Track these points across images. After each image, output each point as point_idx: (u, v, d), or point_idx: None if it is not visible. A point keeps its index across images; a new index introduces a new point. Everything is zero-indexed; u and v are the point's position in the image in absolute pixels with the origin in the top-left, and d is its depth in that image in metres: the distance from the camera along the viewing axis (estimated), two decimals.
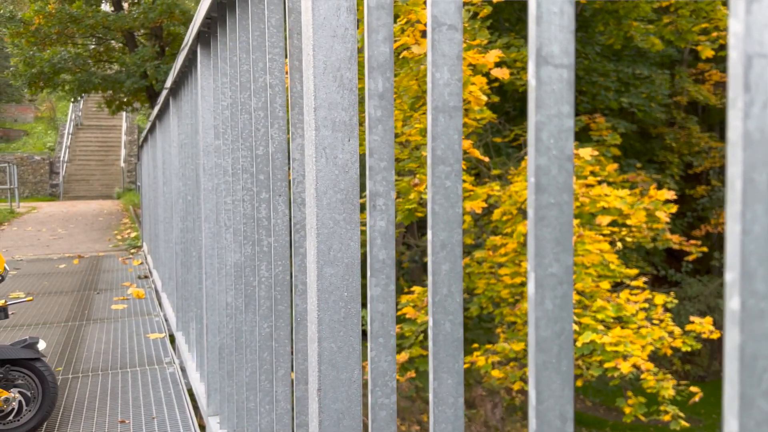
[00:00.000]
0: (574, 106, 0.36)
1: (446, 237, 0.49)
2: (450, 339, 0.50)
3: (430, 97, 0.49)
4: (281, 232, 1.04)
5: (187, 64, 2.08)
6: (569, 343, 0.37)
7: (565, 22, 0.36)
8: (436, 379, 0.50)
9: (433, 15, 0.49)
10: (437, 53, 0.49)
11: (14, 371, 1.90)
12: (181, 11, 11.36)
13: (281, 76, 1.02)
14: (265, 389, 1.17)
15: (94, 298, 4.15)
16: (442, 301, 0.50)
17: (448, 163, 0.49)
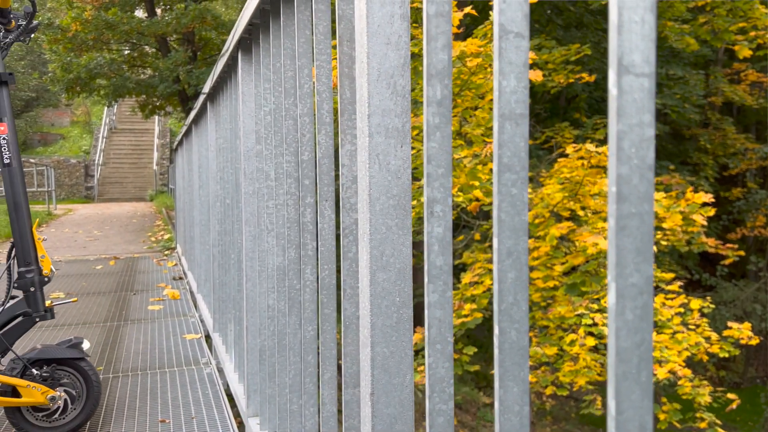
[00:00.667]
0: (655, 114, 0.36)
1: (512, 245, 0.50)
2: (516, 347, 0.50)
3: (497, 105, 0.49)
4: (327, 236, 1.05)
5: (227, 69, 2.11)
6: (649, 354, 0.37)
7: (647, 30, 0.36)
8: (501, 387, 0.50)
9: (500, 23, 0.49)
10: (504, 61, 0.49)
11: (60, 370, 1.95)
12: (212, 16, 11.54)
13: (328, 83, 1.03)
14: (310, 392, 1.18)
15: (130, 299, 4.23)
16: (508, 309, 0.50)
17: (515, 170, 0.49)
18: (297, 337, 1.31)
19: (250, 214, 1.78)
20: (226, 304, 2.49)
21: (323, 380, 1.05)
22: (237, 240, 2.11)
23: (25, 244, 1.96)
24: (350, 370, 0.92)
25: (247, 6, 1.50)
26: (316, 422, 1.19)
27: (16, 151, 1.99)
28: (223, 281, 2.56)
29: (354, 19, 0.90)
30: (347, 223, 0.93)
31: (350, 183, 0.92)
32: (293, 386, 1.30)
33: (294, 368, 1.30)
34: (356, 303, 0.93)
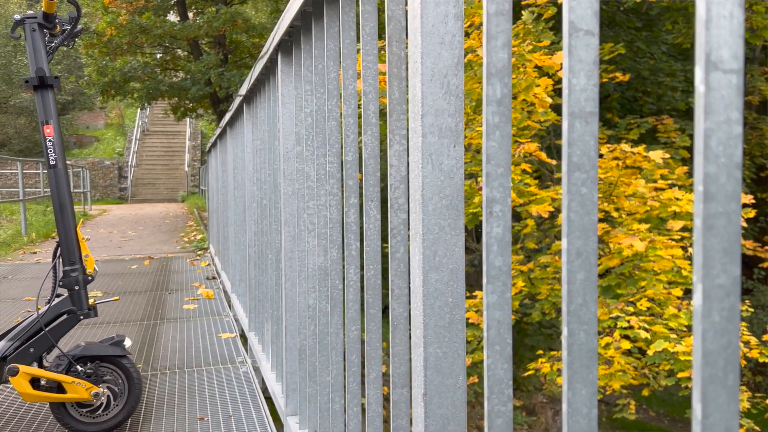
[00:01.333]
0: (743, 112, 0.35)
1: (581, 245, 0.49)
2: (584, 349, 0.49)
3: (567, 103, 0.49)
4: (373, 236, 1.05)
5: (265, 72, 2.13)
6: (735, 357, 0.36)
7: (735, 26, 0.35)
8: (570, 389, 0.50)
9: (570, 21, 0.48)
10: (574, 59, 0.48)
11: (103, 367, 1.99)
12: (243, 19, 11.68)
13: (375, 84, 1.03)
14: (353, 391, 1.19)
15: (166, 298, 4.30)
16: (576, 310, 0.49)
17: (584, 169, 0.49)
18: (339, 336, 1.32)
19: (289, 215, 1.79)
20: (262, 303, 2.51)
21: (369, 380, 1.06)
22: (275, 240, 2.13)
23: (69, 244, 2.01)
24: (398, 371, 0.92)
25: (288, 8, 1.51)
26: (360, 422, 1.19)
27: (61, 153, 2.04)
28: (259, 281, 2.59)
29: (403, 19, 0.90)
30: (395, 224, 0.93)
31: (398, 183, 0.92)
32: (335, 386, 1.31)
33: (336, 368, 1.31)
34: (404, 303, 0.93)
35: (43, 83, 2.02)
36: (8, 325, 3.54)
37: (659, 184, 4.82)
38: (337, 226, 1.31)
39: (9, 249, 7.53)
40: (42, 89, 2.03)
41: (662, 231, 5.03)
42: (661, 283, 4.34)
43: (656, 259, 4.23)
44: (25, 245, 7.85)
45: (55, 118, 2.05)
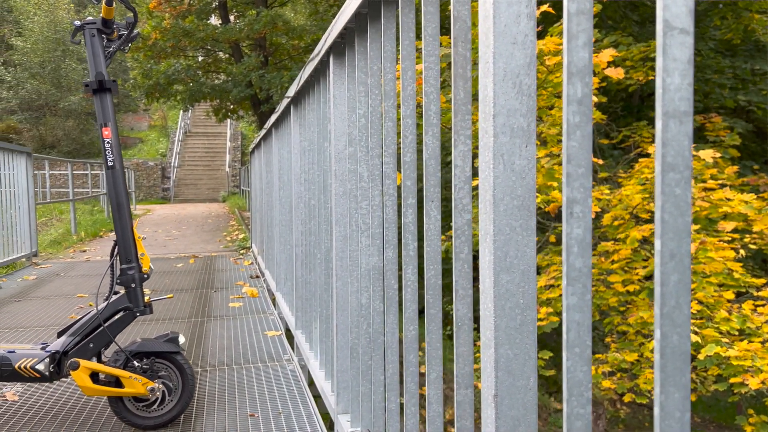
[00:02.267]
0: None
1: (675, 247, 0.48)
2: (678, 352, 0.49)
3: (660, 103, 0.48)
4: (433, 237, 1.06)
5: (315, 74, 2.15)
6: None
7: None
8: (663, 392, 0.49)
9: (665, 19, 0.48)
10: (668, 58, 0.48)
11: (158, 363, 2.05)
12: (283, 22, 11.83)
13: (436, 84, 1.04)
14: (411, 391, 1.19)
15: (211, 296, 4.39)
16: (670, 312, 0.48)
17: (678, 170, 0.48)
18: (395, 336, 1.32)
19: (340, 215, 1.81)
20: (310, 302, 2.54)
21: (429, 380, 1.06)
22: (324, 240, 2.15)
23: (126, 243, 2.07)
24: (463, 371, 0.92)
25: (343, 11, 1.53)
26: (418, 421, 1.19)
27: (118, 154, 2.10)
28: (306, 280, 2.62)
29: (469, 20, 0.90)
30: (459, 224, 0.93)
31: (462, 184, 0.92)
32: (391, 385, 1.31)
33: (392, 367, 1.31)
34: (468, 304, 0.93)
35: (102, 87, 2.08)
36: (63, 320, 3.67)
37: (709, 184, 4.68)
38: (393, 226, 1.31)
39: (60, 247, 7.80)
40: (101, 93, 2.09)
41: (711, 232, 4.89)
42: (712, 286, 4.22)
43: (707, 261, 4.12)
44: (74, 244, 8.11)
45: (113, 121, 2.11)
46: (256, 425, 2.07)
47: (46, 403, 2.29)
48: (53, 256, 7.06)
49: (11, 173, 5.80)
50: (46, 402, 2.30)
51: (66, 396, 2.36)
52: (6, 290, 4.77)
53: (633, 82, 6.44)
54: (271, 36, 12.45)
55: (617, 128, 7.29)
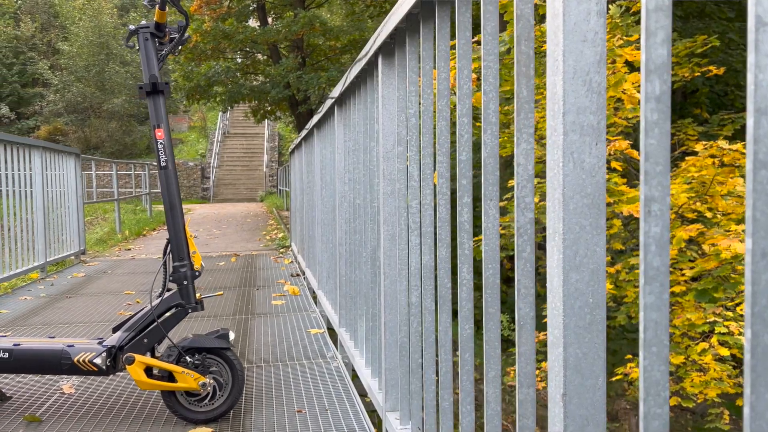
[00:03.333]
0: None
1: (767, 245, 0.47)
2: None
3: (753, 100, 0.47)
4: (492, 236, 1.06)
5: (361, 74, 2.17)
6: None
7: None
8: (753, 393, 0.48)
9: (757, 14, 0.47)
10: (761, 54, 0.47)
11: (209, 359, 2.09)
12: (320, 23, 11.92)
13: (495, 83, 1.04)
14: (467, 389, 1.19)
15: (254, 294, 4.46)
16: (761, 312, 0.48)
17: None
18: (448, 334, 1.32)
19: (388, 214, 1.82)
20: (354, 300, 2.56)
21: (488, 378, 1.06)
22: (370, 238, 2.17)
23: (179, 241, 2.12)
24: (525, 370, 0.92)
25: (394, 12, 1.54)
26: (474, 419, 1.20)
27: (171, 154, 2.15)
28: (350, 278, 2.64)
29: (533, 18, 0.90)
30: (522, 223, 0.92)
31: (525, 182, 0.92)
32: (444, 383, 1.32)
33: (445, 365, 1.32)
34: (530, 303, 0.93)
35: (155, 89, 2.14)
36: (113, 316, 3.78)
37: None
38: (446, 225, 1.32)
39: (106, 246, 8.03)
40: (154, 95, 2.15)
41: None
42: None
43: None
44: (119, 242, 8.34)
45: (165, 122, 2.16)
46: (304, 422, 2.10)
47: (101, 396, 2.37)
48: (100, 254, 7.27)
49: (61, 174, 6.00)
50: (101, 395, 2.38)
51: (119, 390, 2.43)
52: (57, 287, 4.94)
53: (678, 79, 6.28)
54: (309, 37, 12.56)
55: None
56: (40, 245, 5.40)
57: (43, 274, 5.50)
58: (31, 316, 3.86)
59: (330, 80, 11.64)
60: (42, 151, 5.45)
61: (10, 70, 23.05)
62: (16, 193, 4.95)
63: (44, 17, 25.14)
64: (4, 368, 2.06)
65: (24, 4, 25.02)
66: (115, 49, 21.85)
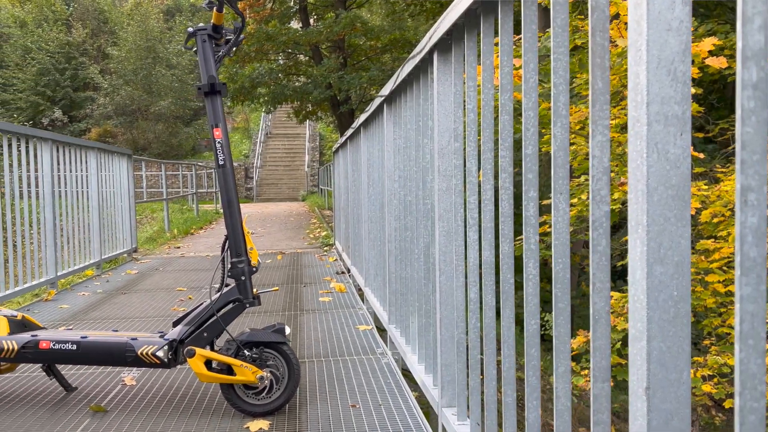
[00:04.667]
0: None
1: None
2: None
3: None
4: (561, 230, 1.05)
5: (414, 72, 2.18)
6: None
7: None
8: None
9: None
10: None
11: (266, 353, 2.13)
12: (361, 23, 11.98)
13: (566, 75, 1.03)
14: (533, 384, 1.19)
15: (301, 291, 4.52)
16: None
17: None
18: (511, 330, 1.32)
19: (444, 211, 1.82)
20: (405, 297, 2.57)
21: (558, 373, 1.05)
22: (423, 235, 2.17)
23: (237, 237, 2.17)
24: (600, 364, 0.91)
25: (452, 8, 1.54)
26: (540, 415, 1.19)
27: (228, 153, 2.20)
28: (401, 275, 2.65)
29: (608, 8, 0.89)
30: (597, 216, 0.92)
31: (601, 175, 0.91)
32: (507, 379, 1.31)
33: (508, 361, 1.31)
34: (605, 297, 0.92)
35: (213, 90, 2.19)
36: (166, 311, 3.89)
37: None
38: (509, 221, 1.31)
39: (155, 244, 8.25)
40: (212, 95, 2.20)
41: None
42: None
43: None
44: (168, 240, 8.56)
45: (223, 122, 2.21)
46: (359, 416, 2.12)
47: (160, 388, 2.44)
48: (150, 252, 7.48)
49: (114, 174, 6.20)
50: (161, 387, 2.45)
51: (178, 382, 2.50)
52: (113, 283, 5.11)
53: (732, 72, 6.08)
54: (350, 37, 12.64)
55: (714, 121, 6.91)
56: (96, 243, 5.59)
57: (98, 271, 5.69)
58: (89, 311, 4.00)
59: (371, 80, 11.69)
60: (97, 152, 5.64)
61: (62, 75, 23.91)
62: (74, 193, 5.14)
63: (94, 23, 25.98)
64: (72, 359, 2.15)
65: (75, 11, 25.90)
66: (161, 52, 22.42)
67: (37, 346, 2.15)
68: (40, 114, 23.17)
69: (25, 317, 2.30)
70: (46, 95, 23.42)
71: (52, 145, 4.67)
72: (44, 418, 2.13)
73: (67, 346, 2.13)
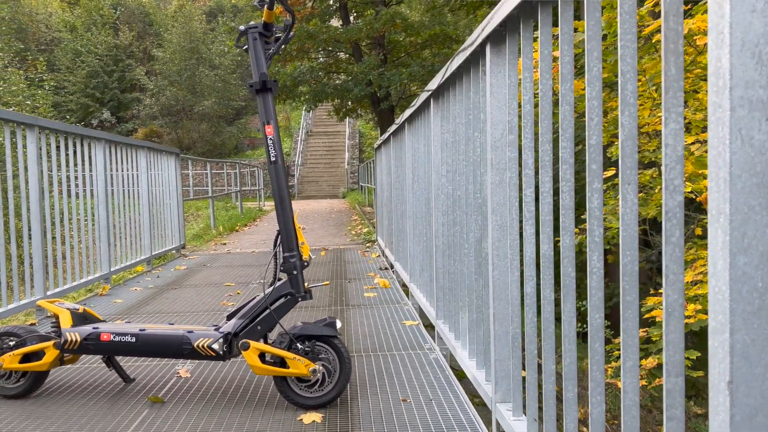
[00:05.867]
0: None
1: None
2: None
3: None
4: (629, 221, 1.03)
5: (464, 65, 2.16)
6: None
7: None
8: None
9: None
10: None
11: (318, 346, 2.16)
12: (401, 19, 11.96)
13: (633, 63, 1.00)
14: (597, 380, 1.17)
15: (346, 286, 4.55)
16: None
17: None
18: (572, 325, 1.30)
19: (497, 204, 1.80)
20: (454, 292, 2.56)
21: (625, 368, 1.03)
22: (473, 230, 2.16)
23: (289, 233, 2.20)
24: (673, 359, 0.89)
25: None
26: (604, 411, 1.17)
27: (280, 150, 2.23)
28: (449, 270, 2.64)
29: None
30: (670, 206, 0.89)
31: (674, 163, 0.89)
32: (568, 374, 1.29)
33: (569, 356, 1.29)
34: (679, 290, 0.89)
35: (264, 87, 2.22)
36: (216, 306, 3.97)
37: None
38: (570, 213, 1.29)
39: (202, 241, 8.43)
40: (263, 92, 2.23)
41: None
42: None
43: None
44: (214, 237, 8.73)
45: (274, 119, 2.24)
46: (410, 410, 2.12)
47: (214, 380, 2.49)
48: (197, 248, 7.65)
49: (163, 172, 6.36)
50: (215, 380, 2.50)
51: (231, 375, 2.55)
52: (163, 279, 5.24)
53: None
54: (390, 34, 12.64)
55: None
56: (146, 240, 5.74)
57: (149, 267, 5.85)
58: (142, 305, 4.12)
59: (411, 76, 11.67)
60: (147, 152, 5.79)
61: (110, 77, 24.64)
62: (125, 191, 5.29)
63: (140, 26, 26.69)
64: (131, 351, 2.22)
65: (122, 14, 26.66)
66: (204, 53, 22.87)
67: (98, 338, 2.22)
68: (90, 115, 23.94)
69: (86, 310, 2.38)
70: (95, 97, 24.18)
71: (105, 145, 4.82)
72: (105, 407, 2.21)
73: (126, 338, 2.20)
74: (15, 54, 19.72)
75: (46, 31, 26.12)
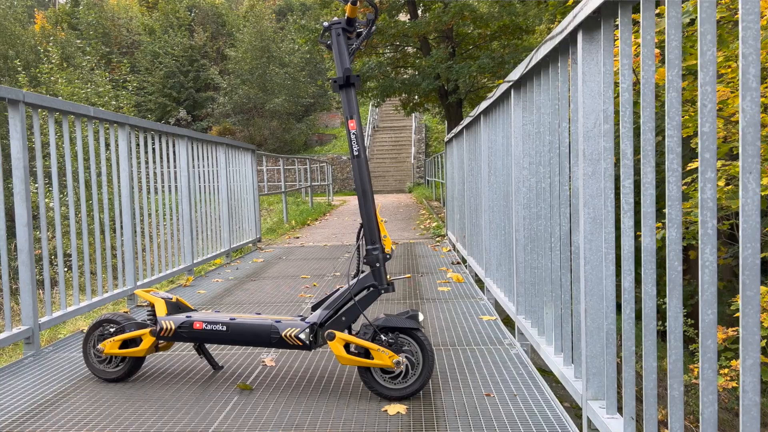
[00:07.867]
0: None
1: None
2: None
3: None
4: (751, 212, 0.97)
5: (551, 54, 2.11)
6: None
7: None
8: None
9: None
10: None
11: (402, 338, 2.17)
12: (470, 11, 11.81)
13: (756, 45, 0.95)
14: (709, 378, 1.12)
15: (419, 281, 4.56)
16: None
17: None
18: (678, 320, 1.25)
19: (589, 196, 1.75)
20: (537, 287, 2.51)
21: (745, 366, 0.98)
22: (561, 223, 2.11)
23: (371, 226, 2.22)
24: None
25: None
26: (716, 410, 1.12)
27: (363, 144, 2.25)
28: (531, 265, 2.59)
29: None
30: None
31: None
32: (674, 372, 1.24)
33: (675, 353, 1.24)
34: None
35: (348, 82, 2.24)
36: (294, 297, 4.07)
37: None
38: (677, 204, 1.24)
39: (276, 234, 8.65)
40: (347, 87, 2.25)
41: None
42: None
43: None
44: (287, 231, 8.94)
45: (357, 114, 2.26)
46: (495, 405, 2.10)
47: (299, 369, 2.56)
48: (272, 242, 7.85)
49: (240, 168, 6.56)
50: (299, 369, 2.56)
51: (314, 364, 2.61)
52: (242, 271, 5.42)
53: None
54: (458, 26, 12.51)
55: None
56: (225, 234, 5.95)
57: (228, 259, 6.06)
58: (224, 296, 4.27)
59: (480, 68, 11.51)
60: (225, 148, 5.99)
61: (186, 77, 25.63)
62: (206, 187, 5.50)
63: (213, 27, 27.60)
64: (222, 339, 2.30)
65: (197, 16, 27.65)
66: (274, 51, 23.41)
67: (191, 327, 2.32)
68: (167, 114, 25.00)
69: (179, 300, 2.49)
70: (172, 96, 25.22)
71: (188, 142, 5.01)
72: (198, 393, 2.30)
73: (218, 327, 2.29)
74: (101, 57, 20.83)
75: (127, 35, 27.44)
